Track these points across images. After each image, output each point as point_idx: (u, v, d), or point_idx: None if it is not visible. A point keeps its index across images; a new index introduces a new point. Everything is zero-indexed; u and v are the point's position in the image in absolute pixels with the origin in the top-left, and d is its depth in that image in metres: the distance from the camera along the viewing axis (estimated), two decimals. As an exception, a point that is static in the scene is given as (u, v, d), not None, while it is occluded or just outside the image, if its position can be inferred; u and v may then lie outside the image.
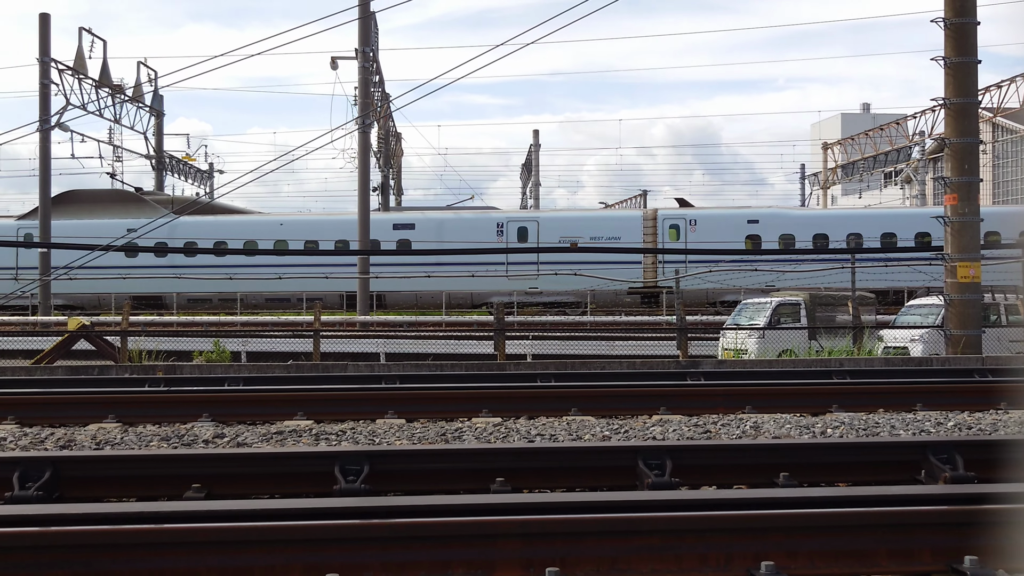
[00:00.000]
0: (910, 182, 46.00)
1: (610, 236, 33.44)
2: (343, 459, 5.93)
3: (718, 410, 9.63)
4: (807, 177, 57.08)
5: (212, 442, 7.94)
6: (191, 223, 34.75)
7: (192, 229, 34.52)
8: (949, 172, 17.31)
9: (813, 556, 4.62)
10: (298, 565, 4.39)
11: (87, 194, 37.11)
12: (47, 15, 31.50)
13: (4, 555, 4.30)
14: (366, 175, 30.32)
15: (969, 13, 17.04)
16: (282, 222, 36.00)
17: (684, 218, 33.87)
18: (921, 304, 20.84)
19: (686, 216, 34.01)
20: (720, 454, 6.43)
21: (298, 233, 34.40)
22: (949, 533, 4.71)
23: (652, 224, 33.72)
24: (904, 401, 9.97)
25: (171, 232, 33.01)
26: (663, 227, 33.56)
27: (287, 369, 13.90)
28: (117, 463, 6.15)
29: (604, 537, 4.58)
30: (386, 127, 41.93)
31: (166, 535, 4.43)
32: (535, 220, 34.50)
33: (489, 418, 9.14)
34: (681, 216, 34.05)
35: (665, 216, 33.99)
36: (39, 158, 31.81)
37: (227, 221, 35.88)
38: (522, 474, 6.14)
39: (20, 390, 10.84)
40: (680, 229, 33.53)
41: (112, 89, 36.31)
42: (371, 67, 30.76)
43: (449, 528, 4.56)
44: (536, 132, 53.78)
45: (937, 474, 6.08)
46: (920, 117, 41.30)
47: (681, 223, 33.63)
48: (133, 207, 35.48)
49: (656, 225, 33.63)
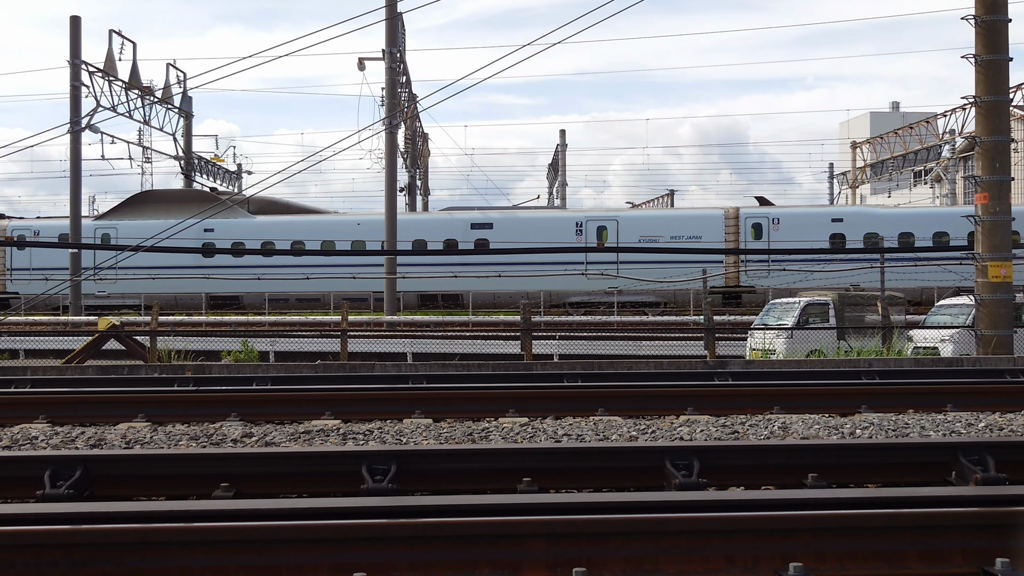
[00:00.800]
0: (940, 181, 45.61)
1: (691, 235, 32.92)
2: (370, 459, 5.95)
3: (746, 410, 9.58)
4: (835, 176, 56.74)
5: (240, 441, 7.98)
6: (268, 223, 34.83)
7: (269, 229, 34.54)
8: (980, 171, 17.15)
9: (842, 558, 4.58)
10: (326, 564, 4.40)
11: (163, 194, 37.11)
12: (78, 18, 31.84)
13: (37, 553, 4.34)
14: (393, 175, 30.43)
15: (1000, 10, 16.88)
16: (359, 222, 35.60)
17: (767, 216, 33.33)
18: (951, 304, 20.67)
19: (768, 215, 33.46)
20: (748, 455, 6.39)
21: (375, 233, 33.77)
22: (980, 535, 4.66)
23: (734, 223, 33.19)
24: (934, 402, 9.88)
25: (248, 232, 33.23)
26: (745, 226, 33.07)
27: (315, 369, 13.96)
28: (147, 462, 6.19)
29: (631, 538, 4.56)
30: (413, 127, 42.05)
31: (196, 534, 4.46)
32: (614, 219, 33.93)
33: (516, 418, 9.14)
34: (763, 215, 33.51)
35: (747, 214, 33.43)
36: (70, 159, 32.09)
37: (304, 221, 35.81)
38: (549, 474, 6.13)
39: (51, 389, 10.94)
40: (763, 228, 32.99)
41: (142, 91, 36.59)
42: (398, 68, 30.85)
43: (476, 528, 4.56)
44: (563, 132, 53.91)
45: (968, 475, 6.02)
46: (950, 115, 40.91)
47: (763, 221, 33.11)
48: (210, 207, 35.54)
49: (738, 224, 33.10)
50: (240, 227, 34.72)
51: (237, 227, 34.59)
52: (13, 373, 13.59)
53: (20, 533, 4.43)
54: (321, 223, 35.87)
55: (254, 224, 34.23)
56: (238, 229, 34.54)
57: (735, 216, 33.41)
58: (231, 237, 32.96)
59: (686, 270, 27.28)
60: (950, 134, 41.78)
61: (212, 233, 33.54)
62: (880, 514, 4.75)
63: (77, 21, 31.83)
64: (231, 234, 33.28)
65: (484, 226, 34.15)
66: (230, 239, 32.69)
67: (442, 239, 33.63)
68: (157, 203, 35.50)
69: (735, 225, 33.15)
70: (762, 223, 33.07)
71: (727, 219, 33.45)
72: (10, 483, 5.93)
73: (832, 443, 6.91)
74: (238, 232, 34.39)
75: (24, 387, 11.19)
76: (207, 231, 33.31)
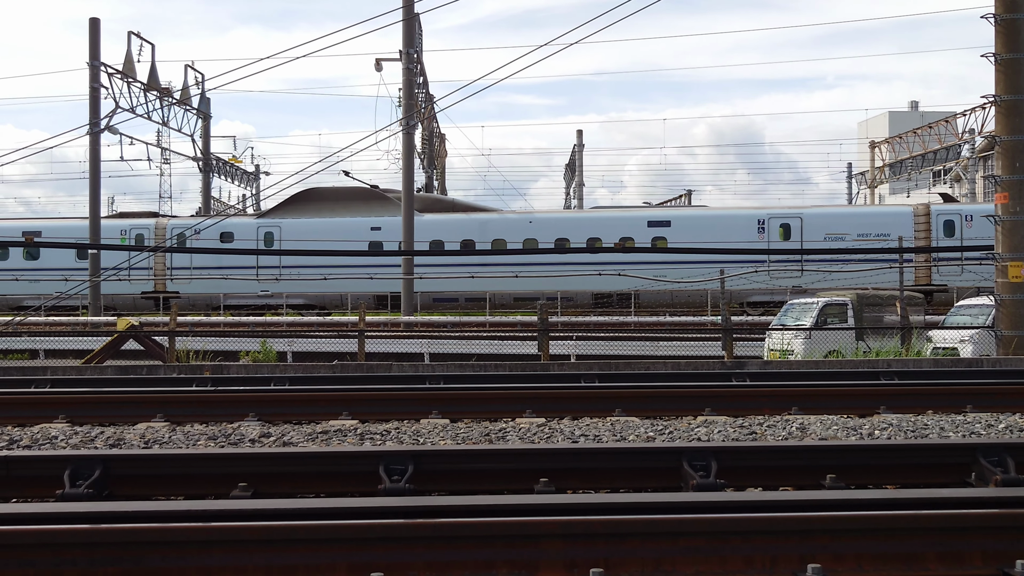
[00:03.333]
0: (959, 180, 45.36)
1: (879, 233, 31.88)
2: (388, 459, 5.96)
3: (764, 411, 9.55)
4: (854, 176, 56.52)
5: (258, 441, 8.01)
6: (437, 221, 33.73)
7: (437, 228, 33.43)
8: (1000, 170, 17.05)
9: (860, 559, 4.56)
10: (343, 564, 4.42)
11: (327, 192, 36.06)
12: (97, 20, 32.04)
13: (57, 551, 4.37)
14: (410, 176, 30.45)
15: (1020, 8, 16.77)
16: (531, 219, 34.44)
17: (959, 214, 32.14)
18: (971, 304, 20.55)
19: (961, 211, 32.31)
20: (766, 456, 6.38)
21: (548, 231, 33.00)
22: (1000, 537, 4.63)
23: (925, 220, 32.09)
24: (954, 403, 9.82)
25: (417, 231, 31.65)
26: (937, 223, 31.89)
27: (332, 369, 13.99)
28: (165, 462, 6.22)
29: (648, 538, 4.56)
30: (430, 128, 42.10)
31: (214, 533, 4.48)
32: (798, 216, 32.85)
33: (533, 418, 9.14)
34: (956, 211, 32.37)
35: (939, 211, 32.33)
36: (89, 161, 32.28)
37: (473, 219, 34.54)
38: (566, 475, 6.13)
39: (71, 389, 11.01)
40: (955, 225, 31.82)
41: (160, 92, 36.78)
42: (415, 68, 30.89)
43: (493, 528, 4.57)
44: (580, 132, 53.97)
45: (988, 477, 5.98)
46: (970, 115, 40.69)
47: (956, 219, 31.92)
48: (376, 204, 34.64)
49: (929, 221, 31.99)
50: None
51: None
52: (33, 373, 13.69)
53: (41, 532, 4.46)
54: (491, 221, 34.48)
55: (423, 222, 32.41)
56: None
57: (925, 213, 32.30)
58: (399, 236, 31.21)
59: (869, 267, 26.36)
60: (969, 133, 41.55)
61: (379, 232, 32.87)
62: (899, 515, 4.73)
63: (96, 23, 32.04)
64: (398, 233, 31.46)
65: (662, 224, 32.98)
66: (398, 238, 31.13)
67: (617, 237, 31.90)
68: (320, 201, 34.81)
69: (926, 222, 32.02)
70: (954, 220, 31.83)
71: (917, 216, 32.33)
72: (31, 482, 5.97)
73: (851, 444, 6.89)
74: None
75: (44, 387, 11.27)
76: (374, 229, 32.78)
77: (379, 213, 33.90)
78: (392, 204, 33.81)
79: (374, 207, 34.44)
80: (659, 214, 34.53)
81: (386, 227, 32.98)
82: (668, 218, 33.69)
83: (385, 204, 34.45)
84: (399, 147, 31.68)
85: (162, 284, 34.80)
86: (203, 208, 43.87)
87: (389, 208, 33.85)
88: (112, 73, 33.08)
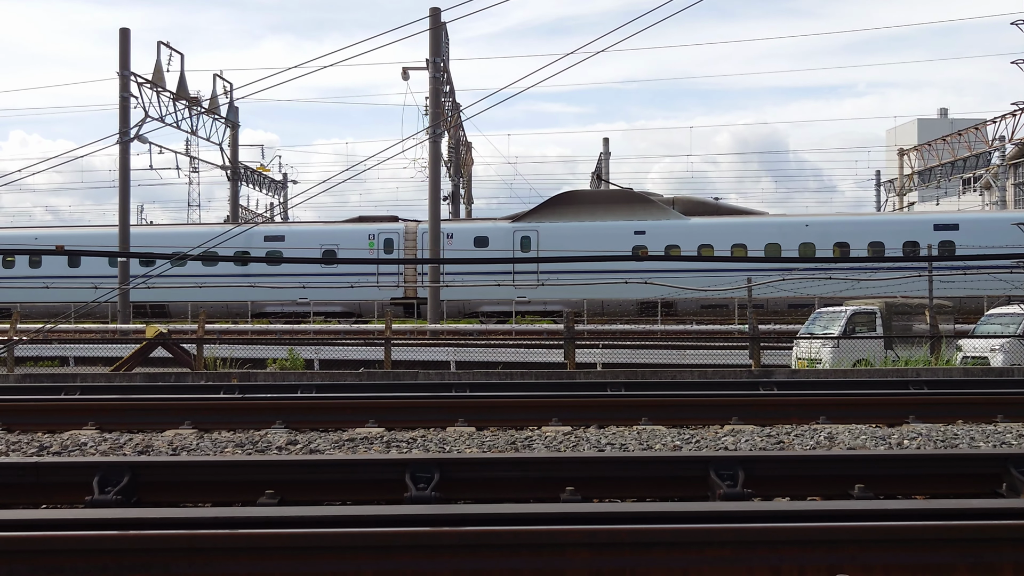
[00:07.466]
0: (990, 188, 44.98)
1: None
2: (414, 466, 5.97)
3: (791, 420, 9.50)
4: (882, 184, 56.15)
5: (285, 449, 8.04)
6: (704, 225, 32.58)
7: (706, 232, 32.29)
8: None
9: (889, 569, 4.52)
10: (369, 571, 4.42)
11: (586, 195, 35.44)
12: (127, 30, 32.35)
13: (86, 558, 4.40)
14: (437, 184, 30.53)
15: (1051, 15, 16.62)
16: (808, 223, 32.64)
17: None
18: (1002, 313, 20.35)
19: None
20: (793, 465, 6.33)
21: (826, 235, 31.33)
22: (1032, 548, 4.57)
23: None
24: (984, 412, 9.74)
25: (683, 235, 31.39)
26: None
27: (359, 377, 14.03)
28: (193, 468, 6.25)
29: (674, 548, 4.53)
30: (456, 136, 42.19)
31: (241, 540, 4.49)
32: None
33: (559, 427, 9.13)
34: None
35: None
36: (119, 169, 32.56)
37: (744, 223, 32.97)
38: (592, 483, 6.12)
39: (100, 396, 11.10)
40: None
41: (189, 101, 37.06)
42: (442, 77, 30.97)
43: (519, 537, 4.56)
44: (606, 140, 53.92)
45: (1019, 488, 5.92)
46: (1000, 122, 40.38)
47: None
48: (639, 208, 33.43)
49: None
50: (674, 230, 32.40)
51: (671, 230, 32.37)
52: (63, 380, 13.80)
53: (70, 538, 4.49)
54: (763, 225, 32.97)
55: (689, 226, 31.85)
56: (672, 232, 32.29)
57: None
58: (664, 241, 30.81)
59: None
60: (1000, 140, 41.20)
61: (643, 236, 31.81)
62: (928, 526, 4.68)
63: (127, 33, 32.34)
64: (664, 237, 31.06)
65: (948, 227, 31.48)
66: (663, 243, 30.64)
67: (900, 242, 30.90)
68: (580, 204, 33.92)
69: None
70: None
71: None
72: (60, 488, 6.02)
73: (879, 454, 6.83)
74: (672, 235, 32.14)
75: (74, 394, 11.37)
76: (637, 233, 31.73)
77: (642, 217, 32.66)
78: (656, 208, 32.95)
79: (637, 211, 33.17)
80: (945, 217, 33.09)
81: (650, 231, 31.89)
82: (956, 221, 32.20)
83: (648, 208, 33.27)
84: (425, 155, 31.79)
85: (412, 290, 33.79)
86: (231, 216, 44.12)
87: (653, 212, 32.84)
88: (142, 83, 33.38)
